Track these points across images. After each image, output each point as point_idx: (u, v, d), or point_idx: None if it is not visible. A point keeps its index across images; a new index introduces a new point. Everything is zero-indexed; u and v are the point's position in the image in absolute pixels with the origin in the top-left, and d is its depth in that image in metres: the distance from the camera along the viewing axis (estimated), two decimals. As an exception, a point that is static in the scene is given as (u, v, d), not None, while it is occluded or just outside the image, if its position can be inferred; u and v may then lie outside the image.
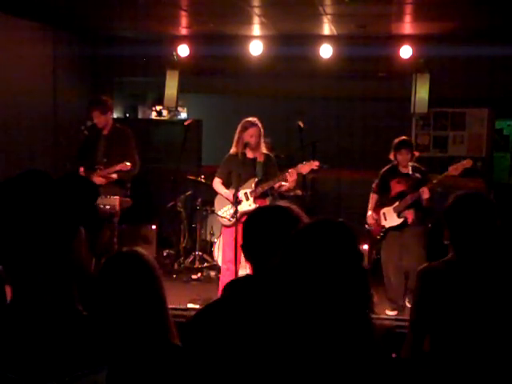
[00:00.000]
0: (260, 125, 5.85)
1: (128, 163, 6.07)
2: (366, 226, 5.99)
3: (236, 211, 5.54)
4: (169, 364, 2.00)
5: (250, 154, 5.84)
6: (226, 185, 5.93)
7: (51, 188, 1.43)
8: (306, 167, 5.64)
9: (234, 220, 5.54)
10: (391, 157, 5.93)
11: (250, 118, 5.88)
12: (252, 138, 5.77)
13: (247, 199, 5.75)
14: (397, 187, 5.82)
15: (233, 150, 5.87)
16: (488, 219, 2.55)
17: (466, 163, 5.56)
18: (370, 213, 5.96)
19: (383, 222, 5.84)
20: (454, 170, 5.56)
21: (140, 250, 2.21)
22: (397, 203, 5.76)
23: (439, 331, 2.52)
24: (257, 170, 5.80)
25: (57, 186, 1.45)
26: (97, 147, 6.34)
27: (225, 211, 5.83)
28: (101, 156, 6.30)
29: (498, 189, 8.41)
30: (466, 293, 2.47)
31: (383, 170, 6.00)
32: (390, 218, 5.80)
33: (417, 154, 6.03)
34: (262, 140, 5.90)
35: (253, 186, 5.76)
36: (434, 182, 5.62)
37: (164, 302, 2.16)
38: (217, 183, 5.98)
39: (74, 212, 1.46)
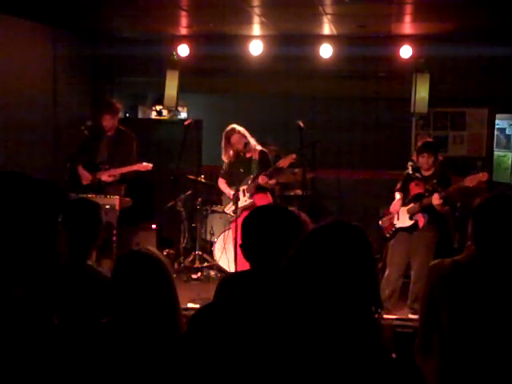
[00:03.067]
0: (240, 128, 6.37)
1: (145, 163, 6.32)
2: (380, 222, 5.99)
3: (236, 209, 6.06)
4: (178, 354, 2.02)
5: (246, 155, 6.38)
6: (230, 184, 6.53)
7: (28, 188, 1.40)
8: (285, 161, 6.10)
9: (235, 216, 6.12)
10: (414, 158, 5.91)
11: (228, 127, 6.42)
12: (237, 144, 6.35)
13: (244, 195, 6.32)
14: (415, 189, 5.80)
15: (225, 159, 6.52)
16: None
17: (483, 176, 5.38)
18: (398, 196, 5.91)
19: (395, 221, 5.85)
20: (469, 181, 5.39)
21: (151, 248, 2.24)
22: (411, 205, 5.74)
23: (446, 330, 2.50)
24: (252, 168, 6.34)
25: (34, 186, 1.41)
26: (99, 147, 6.41)
27: (229, 208, 6.46)
28: (104, 156, 6.39)
29: (500, 188, 8.40)
30: (476, 294, 2.44)
31: (406, 171, 5.99)
32: (402, 219, 5.79)
33: (441, 157, 5.95)
34: (250, 139, 6.38)
35: (249, 182, 6.32)
36: (451, 189, 5.51)
37: (175, 297, 2.18)
38: (221, 183, 6.61)
39: (50, 213, 1.42)
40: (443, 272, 2.53)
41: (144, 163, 6.35)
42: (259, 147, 6.45)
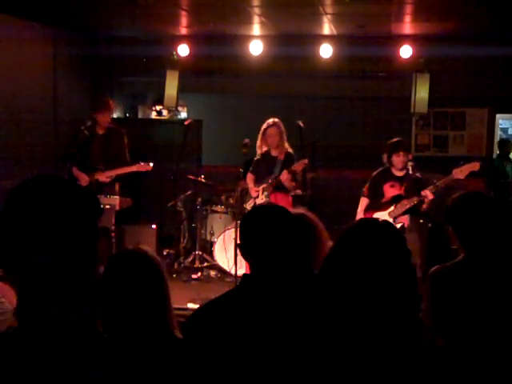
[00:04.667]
0: (280, 124, 6.35)
1: (142, 163, 6.35)
2: None
3: (255, 204, 6.21)
4: (170, 355, 2.02)
5: (273, 153, 6.43)
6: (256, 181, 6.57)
7: (68, 191, 1.35)
8: (299, 166, 6.16)
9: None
10: (384, 159, 5.74)
11: (270, 120, 6.39)
12: (270, 137, 6.35)
13: (262, 193, 6.38)
14: (391, 191, 5.57)
15: (258, 151, 6.51)
16: (492, 216, 2.54)
17: (473, 166, 5.07)
18: (359, 217, 5.71)
19: None
20: (459, 173, 5.11)
21: (145, 247, 2.23)
22: (392, 208, 5.52)
23: (453, 334, 2.50)
24: (275, 168, 6.36)
25: (72, 189, 1.37)
26: (92, 147, 6.42)
27: (248, 204, 6.47)
28: (98, 155, 6.40)
29: (501, 188, 8.38)
30: (477, 293, 2.45)
31: (375, 173, 5.75)
32: None
33: (410, 156, 5.74)
34: (285, 139, 6.41)
35: (269, 181, 6.36)
36: (439, 183, 5.24)
37: (167, 297, 2.18)
38: (248, 178, 6.60)
39: (91, 216, 1.37)
40: (446, 276, 2.54)
41: (142, 163, 6.35)
42: (289, 150, 6.45)
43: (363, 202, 5.80)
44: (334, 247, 1.76)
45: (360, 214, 5.75)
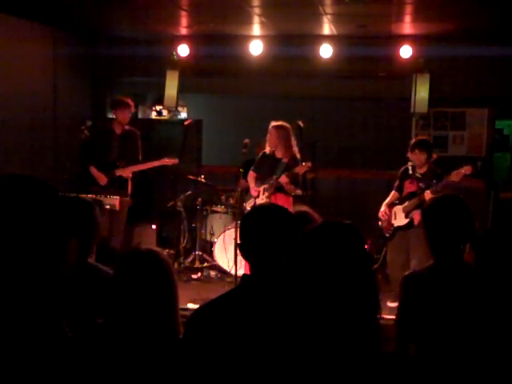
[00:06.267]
0: (287, 128, 6.28)
1: (166, 159, 6.54)
2: (379, 223, 6.02)
3: (255, 204, 6.22)
4: (173, 354, 2.02)
5: (278, 154, 6.38)
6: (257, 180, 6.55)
7: (39, 194, 1.36)
8: (301, 168, 6.18)
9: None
10: (409, 155, 5.95)
11: (277, 122, 6.32)
12: (275, 139, 6.29)
13: (263, 194, 6.37)
14: (409, 187, 5.90)
15: (266, 150, 6.48)
16: (463, 222, 2.57)
17: (466, 170, 5.48)
18: (383, 208, 6.03)
19: (393, 221, 5.93)
20: (455, 175, 5.51)
21: (157, 248, 2.24)
22: (406, 203, 5.82)
23: (422, 336, 2.53)
24: (277, 169, 6.33)
25: (47, 193, 1.38)
26: (111, 146, 6.48)
27: (249, 203, 6.46)
28: (116, 154, 6.50)
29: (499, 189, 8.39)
30: (446, 298, 2.49)
31: (401, 169, 6.07)
32: (399, 218, 5.88)
33: (435, 156, 6.01)
34: (293, 143, 6.33)
35: (270, 182, 6.34)
36: (438, 185, 5.57)
37: (176, 299, 2.18)
38: (250, 176, 6.57)
39: (64, 222, 1.39)
40: (417, 281, 2.58)
41: (166, 159, 6.52)
42: (297, 154, 6.38)
43: (393, 195, 6.13)
44: (289, 251, 1.74)
45: (384, 206, 6.07)
